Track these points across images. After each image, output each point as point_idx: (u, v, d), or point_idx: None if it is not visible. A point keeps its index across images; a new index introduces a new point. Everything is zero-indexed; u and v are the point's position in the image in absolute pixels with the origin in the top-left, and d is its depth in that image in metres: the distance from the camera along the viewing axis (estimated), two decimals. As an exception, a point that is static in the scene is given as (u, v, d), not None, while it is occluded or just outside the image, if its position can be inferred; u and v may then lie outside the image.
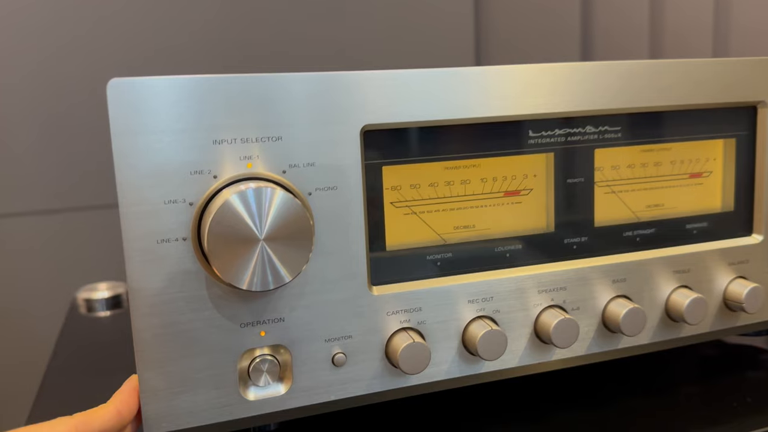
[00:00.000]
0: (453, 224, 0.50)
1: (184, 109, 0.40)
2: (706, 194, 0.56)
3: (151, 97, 0.40)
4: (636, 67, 0.50)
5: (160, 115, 0.40)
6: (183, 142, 0.41)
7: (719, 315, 0.56)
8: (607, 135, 0.52)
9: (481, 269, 0.50)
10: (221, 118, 0.41)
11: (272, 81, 0.42)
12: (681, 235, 0.55)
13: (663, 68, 0.51)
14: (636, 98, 0.51)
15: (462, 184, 0.49)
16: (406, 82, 0.45)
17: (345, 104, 0.43)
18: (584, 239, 0.52)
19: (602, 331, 0.52)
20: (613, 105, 0.50)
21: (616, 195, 0.53)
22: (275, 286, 0.40)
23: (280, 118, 0.42)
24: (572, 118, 0.50)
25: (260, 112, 0.42)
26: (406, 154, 0.47)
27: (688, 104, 0.53)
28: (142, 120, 0.40)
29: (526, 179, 0.51)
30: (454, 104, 0.46)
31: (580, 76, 0.49)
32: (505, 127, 0.49)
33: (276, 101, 0.42)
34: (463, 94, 0.46)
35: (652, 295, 0.53)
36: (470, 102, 0.46)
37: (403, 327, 0.47)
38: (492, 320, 0.49)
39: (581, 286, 0.51)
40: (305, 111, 0.43)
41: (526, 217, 0.51)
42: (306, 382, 0.45)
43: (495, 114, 0.47)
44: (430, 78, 0.45)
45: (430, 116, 0.46)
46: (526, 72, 0.47)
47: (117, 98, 0.40)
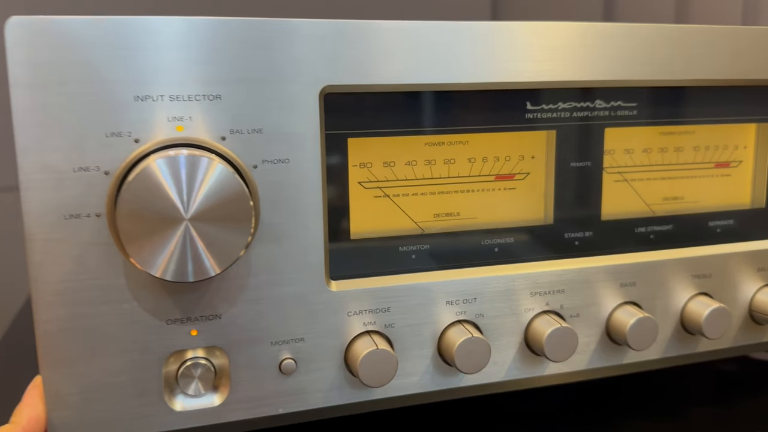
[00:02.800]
0: (433, 211, 0.42)
1: (99, 55, 0.33)
2: (734, 187, 0.48)
3: (61, 40, 0.33)
4: (660, 32, 0.42)
5: (70, 63, 0.33)
6: (98, 97, 0.33)
7: (744, 328, 0.48)
8: (620, 112, 0.44)
9: (464, 265, 0.42)
10: (145, 68, 0.34)
11: (209, 26, 0.34)
12: (702, 234, 0.47)
13: (693, 35, 0.43)
14: (657, 69, 0.42)
15: (446, 163, 0.42)
16: (378, 36, 0.37)
17: (301, 59, 0.36)
18: (588, 234, 0.44)
19: (606, 343, 0.44)
20: (628, 76, 0.42)
21: (629, 184, 0.46)
22: (196, 278, 0.32)
23: (219, 72, 0.35)
24: (579, 90, 0.42)
25: (194, 63, 0.34)
26: (378, 125, 0.39)
27: (720, 79, 0.44)
28: (48, 69, 0.33)
29: (522, 161, 0.43)
30: (436, 66, 0.38)
31: (589, 39, 0.41)
32: (499, 97, 0.41)
33: (215, 51, 0.34)
34: (448, 54, 0.38)
35: (666, 303, 0.45)
36: (457, 65, 0.39)
37: (366, 330, 0.39)
38: (474, 326, 0.41)
39: (583, 289, 0.43)
40: (251, 64, 0.35)
41: (521, 206, 0.43)
42: (246, 392, 0.38)
43: (486, 80, 0.40)
44: (408, 32, 0.38)
45: (407, 79, 0.38)
46: (523, 31, 0.40)
47: (17, 41, 0.32)
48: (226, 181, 0.33)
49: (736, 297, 0.47)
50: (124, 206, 0.32)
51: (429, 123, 0.41)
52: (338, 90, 0.37)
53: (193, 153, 0.33)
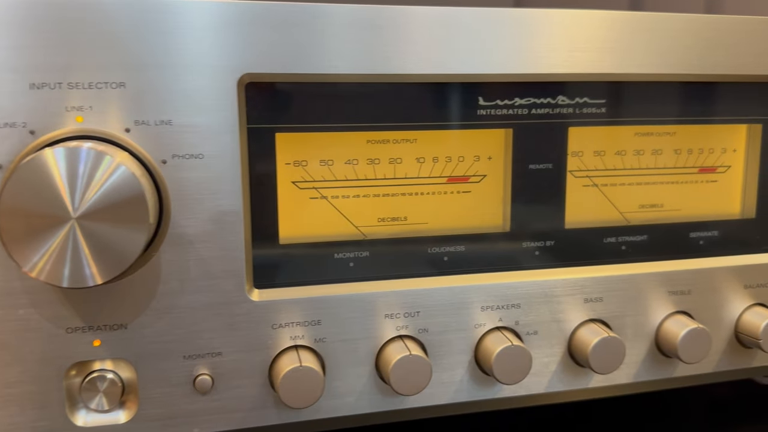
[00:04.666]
0: (377, 215, 0.38)
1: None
2: (720, 195, 0.44)
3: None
4: (632, 19, 0.38)
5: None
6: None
7: (729, 352, 0.43)
8: (586, 109, 0.39)
9: (409, 275, 0.38)
10: (41, 53, 0.31)
11: (112, 6, 0.31)
12: (682, 246, 0.43)
13: (672, 23, 0.39)
14: (628, 62, 0.38)
15: (391, 163, 0.38)
16: (309, 19, 0.33)
17: (216, 44, 0.32)
18: (550, 244, 0.40)
19: (568, 364, 0.40)
20: (594, 69, 0.38)
21: (599, 189, 0.41)
22: (71, 284, 0.29)
23: (123, 57, 0.31)
24: (538, 84, 0.38)
25: (95, 46, 0.31)
26: (312, 120, 0.36)
27: (704, 74, 0.40)
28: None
29: (477, 162, 0.39)
30: (378, 54, 0.35)
31: (548, 26, 0.37)
32: (448, 91, 0.37)
33: (118, 33, 0.31)
34: (391, 41, 0.35)
35: (639, 322, 0.41)
36: (401, 53, 0.35)
37: (294, 345, 0.36)
38: (416, 342, 0.37)
39: (542, 304, 0.39)
40: (159, 49, 0.32)
41: (476, 212, 0.40)
42: (156, 410, 0.35)
43: (434, 71, 0.36)
44: (345, 15, 0.34)
45: (344, 68, 0.34)
46: (472, 16, 0.36)
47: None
48: (125, 179, 0.29)
49: (720, 317, 0.42)
50: (7, 200, 0.29)
51: (371, 118, 0.37)
52: (261, 79, 0.34)
53: (91, 145, 0.30)
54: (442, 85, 0.37)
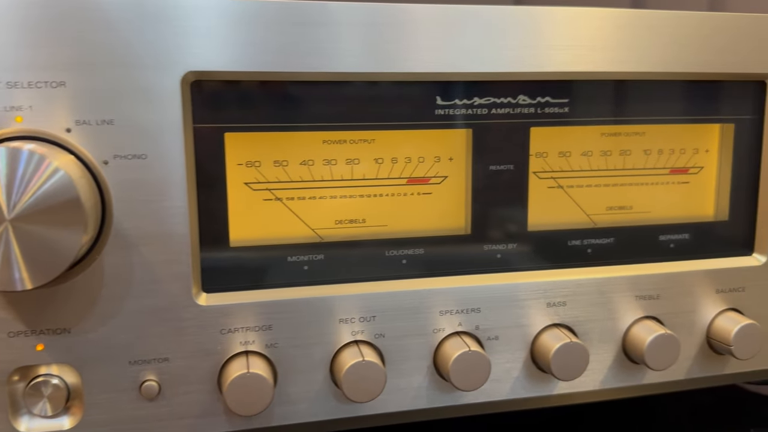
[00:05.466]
0: (334, 217, 0.37)
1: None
2: (692, 197, 0.42)
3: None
4: (596, 15, 0.37)
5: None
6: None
7: (701, 358, 0.42)
8: (548, 109, 0.38)
9: (366, 278, 0.37)
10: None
11: (51, 3, 0.30)
12: (652, 249, 0.41)
13: (642, 20, 0.38)
14: (591, 59, 0.37)
15: (348, 164, 0.37)
16: (258, 14, 0.33)
17: (158, 41, 0.32)
18: (512, 246, 0.39)
19: (531, 371, 0.39)
20: (555, 67, 0.37)
21: (564, 190, 0.40)
22: (1, 288, 0.28)
23: (63, 55, 0.31)
24: (498, 83, 0.37)
25: (34, 44, 0.30)
26: (265, 118, 0.35)
27: (669, 73, 0.39)
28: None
29: (438, 163, 0.38)
30: (334, 51, 0.34)
31: (508, 21, 0.36)
32: (406, 90, 0.36)
33: (58, 31, 0.31)
34: (345, 37, 0.34)
35: (605, 327, 0.40)
36: (358, 50, 0.34)
37: (245, 351, 0.35)
38: (372, 347, 0.36)
39: (504, 308, 0.38)
40: (100, 46, 0.31)
41: (437, 214, 0.39)
42: (102, 416, 0.34)
43: (391, 70, 0.35)
44: (295, 10, 0.33)
45: (298, 66, 0.34)
46: (429, 13, 0.35)
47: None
48: (62, 183, 0.29)
49: (691, 322, 0.41)
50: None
51: (327, 118, 0.36)
52: (207, 77, 0.33)
53: (32, 147, 0.29)
54: (400, 84, 0.36)
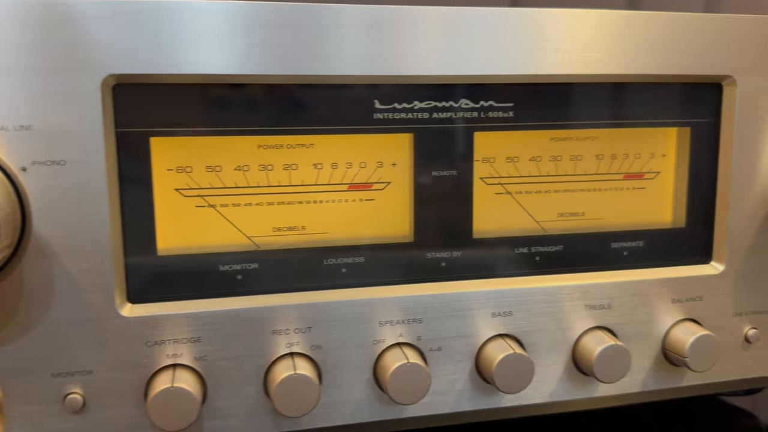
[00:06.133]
0: (272, 224, 0.36)
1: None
2: (648, 203, 0.41)
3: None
4: (538, 15, 0.36)
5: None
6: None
7: (657, 370, 0.40)
8: (492, 113, 0.37)
9: (302, 288, 0.36)
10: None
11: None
12: (603, 257, 0.40)
13: (587, 20, 0.36)
14: (537, 62, 0.36)
15: (286, 169, 0.36)
16: (181, 16, 0.32)
17: (79, 42, 0.31)
18: (457, 254, 0.38)
19: (477, 383, 0.38)
20: (500, 70, 0.36)
21: (513, 197, 0.39)
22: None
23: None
24: (439, 87, 0.36)
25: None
26: (195, 122, 0.34)
27: (622, 75, 0.38)
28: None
29: (381, 168, 0.37)
30: (266, 53, 0.33)
31: (445, 22, 0.35)
32: (343, 93, 0.35)
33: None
34: (275, 38, 0.33)
35: (553, 337, 0.38)
36: (291, 51, 0.33)
37: (172, 364, 0.34)
38: (308, 359, 0.35)
39: (447, 318, 0.37)
40: (16, 49, 0.30)
41: (380, 221, 0.37)
42: (25, 429, 0.33)
43: (327, 72, 0.34)
44: (224, 10, 0.32)
45: (228, 68, 0.33)
46: (361, 13, 0.34)
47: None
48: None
49: (645, 333, 0.40)
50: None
51: (262, 122, 0.35)
52: (129, 81, 0.32)
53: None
54: (337, 87, 0.35)
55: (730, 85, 0.39)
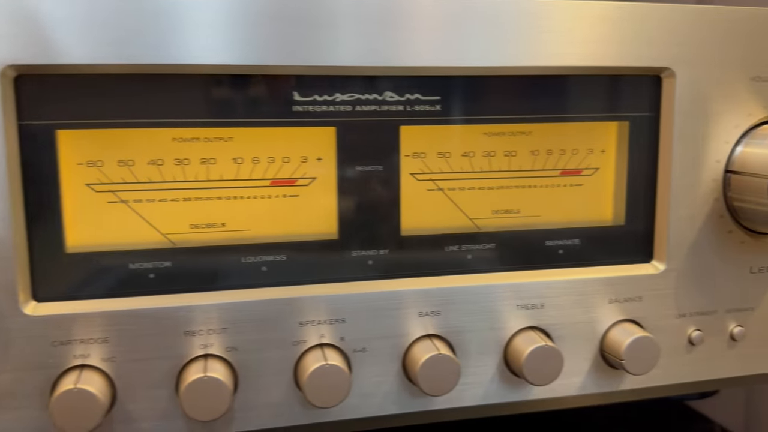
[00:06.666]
0: (189, 221, 0.35)
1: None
2: (587, 200, 0.40)
3: None
4: (464, 4, 0.35)
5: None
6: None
7: (595, 372, 0.39)
8: (418, 107, 0.36)
9: (217, 287, 0.35)
10: None
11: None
12: (537, 256, 0.39)
13: (518, 9, 0.35)
14: (462, 54, 0.35)
15: (203, 164, 0.35)
16: (85, 5, 0.31)
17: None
18: (384, 253, 0.37)
19: (405, 385, 0.37)
20: (426, 61, 0.35)
21: (445, 193, 0.38)
22: None
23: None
24: (361, 78, 0.35)
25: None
26: (105, 114, 0.33)
27: (557, 67, 0.37)
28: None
29: (305, 163, 0.36)
30: (181, 41, 0.32)
31: (366, 11, 0.34)
32: (261, 85, 0.34)
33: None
34: (189, 25, 0.32)
35: (484, 338, 0.37)
36: (205, 40, 0.32)
37: (80, 364, 0.33)
38: (223, 361, 0.34)
39: (371, 318, 0.36)
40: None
41: (305, 217, 0.36)
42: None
43: (243, 62, 0.33)
44: (125, 5, 0.31)
45: (137, 57, 0.31)
46: (279, 1, 0.33)
47: None
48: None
49: (582, 333, 0.38)
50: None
51: (176, 114, 0.34)
52: (31, 72, 0.31)
53: None
54: (255, 78, 0.34)
55: (669, 77, 0.38)
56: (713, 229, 0.39)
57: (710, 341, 0.41)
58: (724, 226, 0.40)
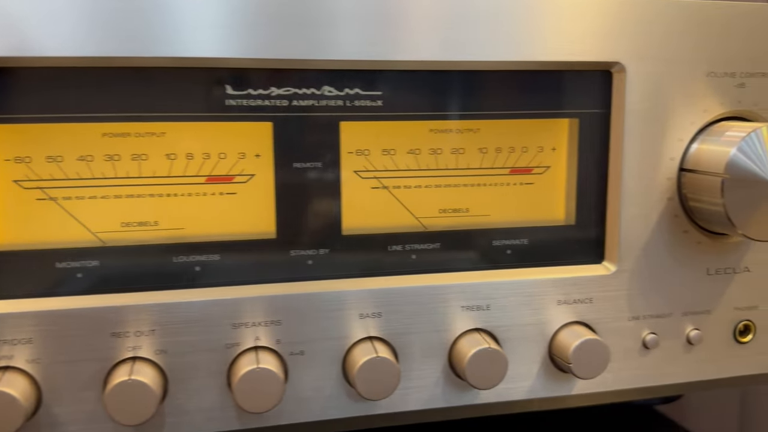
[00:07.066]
0: (120, 219, 0.34)
1: None
2: (538, 199, 0.39)
3: None
4: (403, 0, 0.34)
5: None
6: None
7: (545, 376, 0.38)
8: (358, 102, 0.35)
9: (147, 287, 0.34)
10: None
11: None
12: (484, 256, 0.38)
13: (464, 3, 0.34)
14: (401, 48, 0.34)
15: (134, 160, 0.34)
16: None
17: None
18: (324, 252, 0.36)
19: (346, 389, 0.35)
20: (364, 54, 0.33)
21: (390, 191, 0.37)
22: None
23: None
24: (299, 72, 0.34)
25: None
26: (31, 109, 0.32)
27: (502, 62, 0.35)
28: None
29: (243, 160, 0.35)
30: (106, 33, 0.31)
31: (300, 4, 0.32)
32: (192, 77, 0.33)
33: None
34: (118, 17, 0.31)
35: (428, 340, 0.36)
36: (134, 32, 0.31)
37: (3, 366, 0.32)
38: (152, 364, 0.33)
39: (310, 320, 0.34)
40: None
41: (242, 216, 0.35)
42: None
43: (172, 54, 0.32)
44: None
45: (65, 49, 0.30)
46: None
47: None
48: None
49: (529, 336, 0.37)
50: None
51: (105, 108, 0.33)
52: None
53: None
54: (186, 70, 0.33)
55: (620, 72, 0.37)
56: (668, 229, 0.38)
57: (666, 345, 0.39)
58: (679, 226, 0.38)
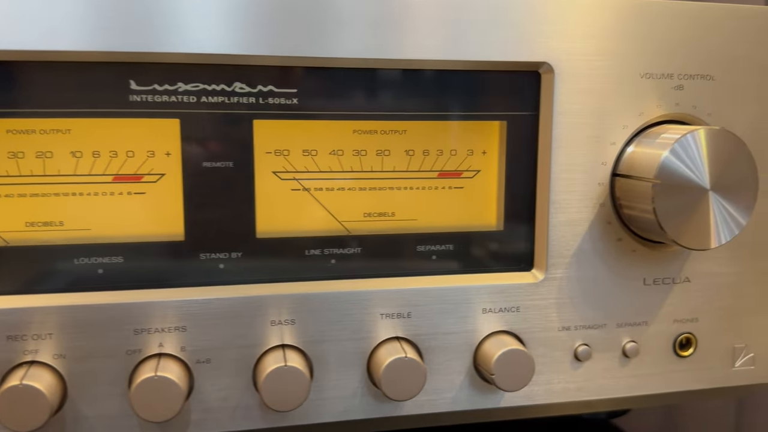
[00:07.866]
0: (25, 219, 0.33)
1: None
2: (468, 204, 0.37)
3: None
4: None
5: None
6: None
7: (470, 388, 0.37)
8: (272, 100, 0.34)
9: (47, 290, 0.32)
10: None
11: None
12: (407, 261, 0.36)
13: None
14: (319, 44, 0.33)
15: (39, 157, 0.32)
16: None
17: None
18: (236, 256, 0.34)
19: (255, 399, 0.34)
20: (281, 50, 0.32)
21: (311, 194, 0.35)
22: None
23: None
24: (207, 67, 0.33)
25: None
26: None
27: (426, 60, 0.34)
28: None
29: (153, 158, 0.34)
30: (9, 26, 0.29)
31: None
32: (97, 72, 0.32)
33: None
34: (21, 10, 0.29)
35: (344, 349, 0.35)
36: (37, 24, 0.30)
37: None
38: (50, 369, 0.31)
39: (220, 326, 0.33)
40: None
41: (150, 216, 0.34)
42: None
43: (72, 48, 0.30)
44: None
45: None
46: None
47: None
48: None
49: (454, 345, 0.36)
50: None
51: (6, 103, 0.31)
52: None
53: None
54: (89, 65, 0.32)
55: (548, 73, 0.35)
56: (600, 237, 0.37)
57: (600, 357, 0.38)
58: (613, 233, 0.37)
